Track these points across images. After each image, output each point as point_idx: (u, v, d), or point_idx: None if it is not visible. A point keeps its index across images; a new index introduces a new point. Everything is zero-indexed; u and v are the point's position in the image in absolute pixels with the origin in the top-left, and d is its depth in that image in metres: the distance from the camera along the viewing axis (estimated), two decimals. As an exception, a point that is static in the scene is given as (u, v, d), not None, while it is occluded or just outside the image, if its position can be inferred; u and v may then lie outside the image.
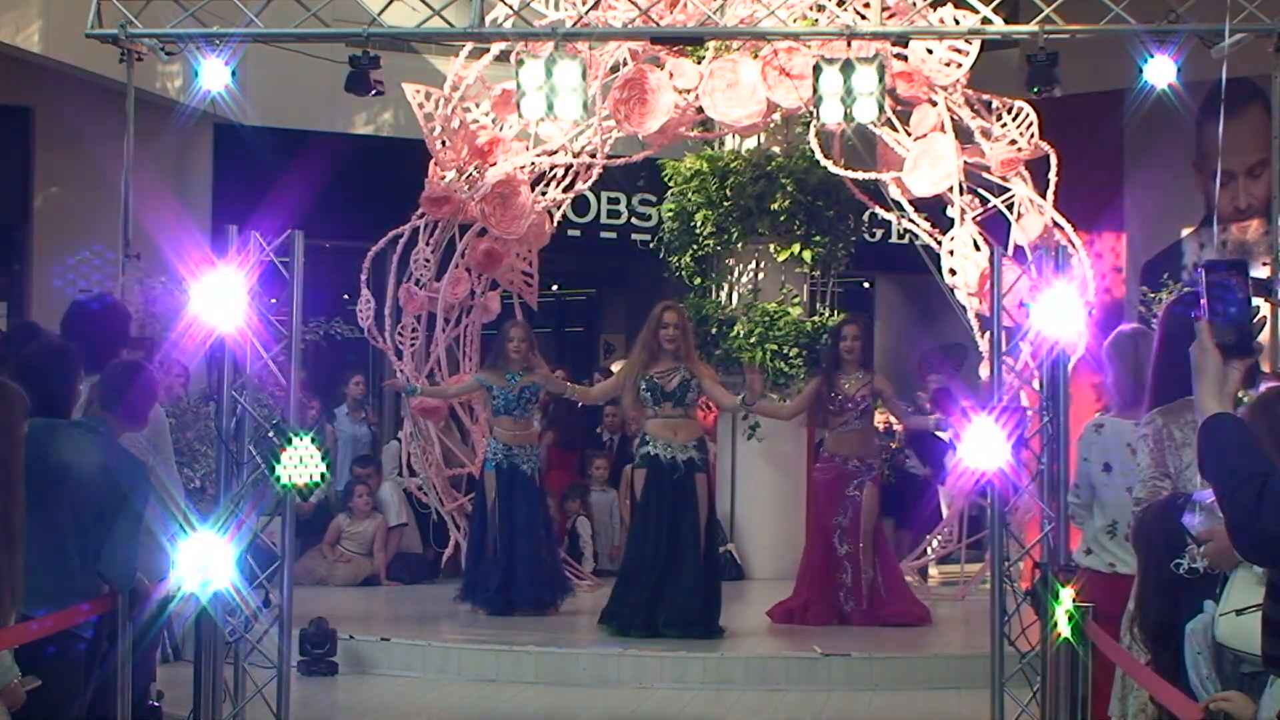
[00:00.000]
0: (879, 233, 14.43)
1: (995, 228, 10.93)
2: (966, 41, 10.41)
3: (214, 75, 9.94)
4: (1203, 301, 3.06)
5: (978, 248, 10.72)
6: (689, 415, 9.77)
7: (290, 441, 6.42)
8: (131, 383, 5.46)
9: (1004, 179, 10.92)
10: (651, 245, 13.66)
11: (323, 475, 6.61)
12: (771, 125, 11.96)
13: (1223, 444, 2.93)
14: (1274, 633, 3.25)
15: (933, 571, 12.39)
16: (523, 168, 11.52)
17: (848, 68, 9.59)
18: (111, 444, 5.26)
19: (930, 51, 10.56)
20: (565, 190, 12.06)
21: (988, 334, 9.45)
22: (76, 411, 5.57)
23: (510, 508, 10.31)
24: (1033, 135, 10.83)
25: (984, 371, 10.71)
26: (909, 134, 10.82)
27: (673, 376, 9.66)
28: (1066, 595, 5.34)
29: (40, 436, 4.71)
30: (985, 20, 10.03)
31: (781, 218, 12.10)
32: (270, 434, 6.67)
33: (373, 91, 10.01)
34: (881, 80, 9.66)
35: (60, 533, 4.96)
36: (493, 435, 10.57)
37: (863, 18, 10.30)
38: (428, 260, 11.62)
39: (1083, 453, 5.83)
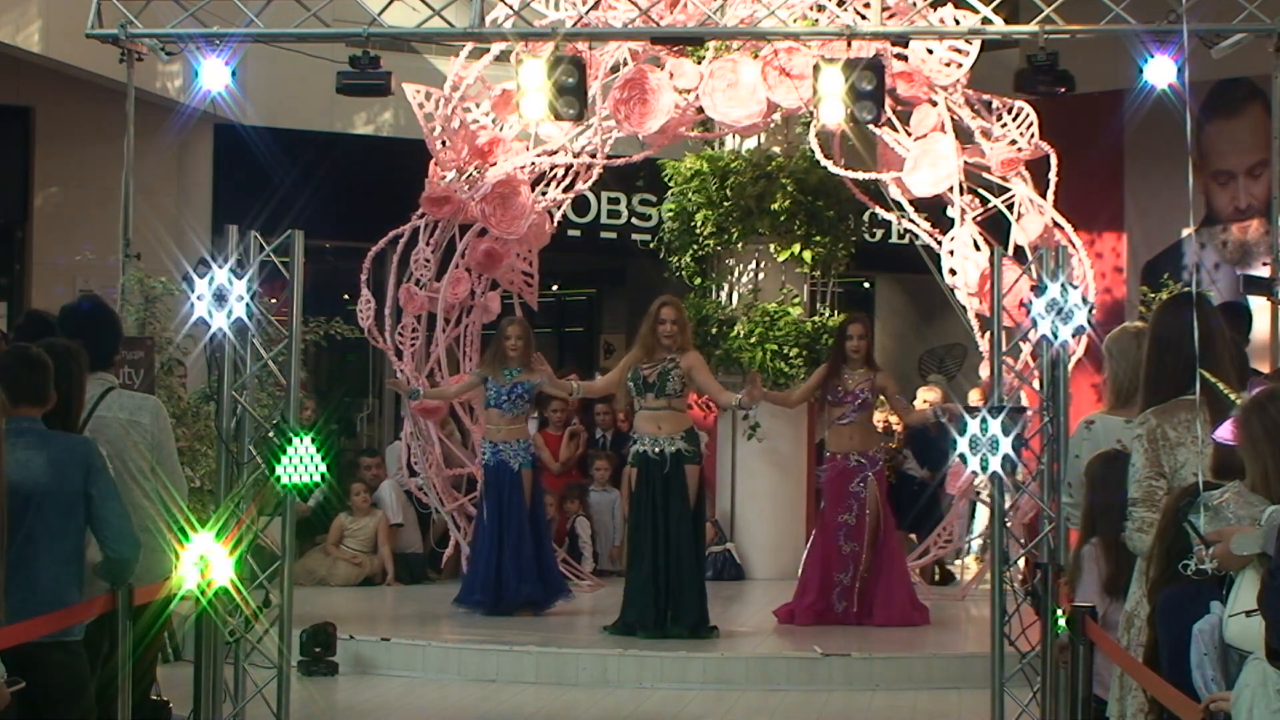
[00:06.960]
0: (879, 233, 14.44)
1: (995, 228, 10.93)
2: (966, 41, 10.42)
3: (214, 75, 9.94)
4: None
5: (978, 248, 10.72)
6: (674, 407, 9.64)
7: (290, 441, 6.41)
8: (31, 366, 5.25)
9: (1004, 179, 10.92)
10: (651, 245, 13.65)
11: (323, 475, 6.61)
12: (771, 125, 11.95)
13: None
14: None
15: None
16: (523, 168, 11.52)
17: (848, 68, 9.59)
18: (46, 439, 5.05)
19: (930, 51, 10.56)
20: (565, 190, 12.05)
21: (988, 334, 9.45)
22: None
23: (499, 506, 10.27)
24: (1033, 135, 10.83)
25: (984, 371, 10.72)
26: (909, 134, 10.82)
27: (655, 368, 9.60)
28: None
29: None
30: (985, 20, 10.03)
31: (781, 218, 12.10)
32: (270, 434, 6.66)
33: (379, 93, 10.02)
34: (881, 80, 9.66)
35: (23, 543, 4.85)
36: (484, 434, 10.55)
37: (863, 18, 10.30)
38: (428, 260, 11.62)
39: (1074, 450, 5.81)
